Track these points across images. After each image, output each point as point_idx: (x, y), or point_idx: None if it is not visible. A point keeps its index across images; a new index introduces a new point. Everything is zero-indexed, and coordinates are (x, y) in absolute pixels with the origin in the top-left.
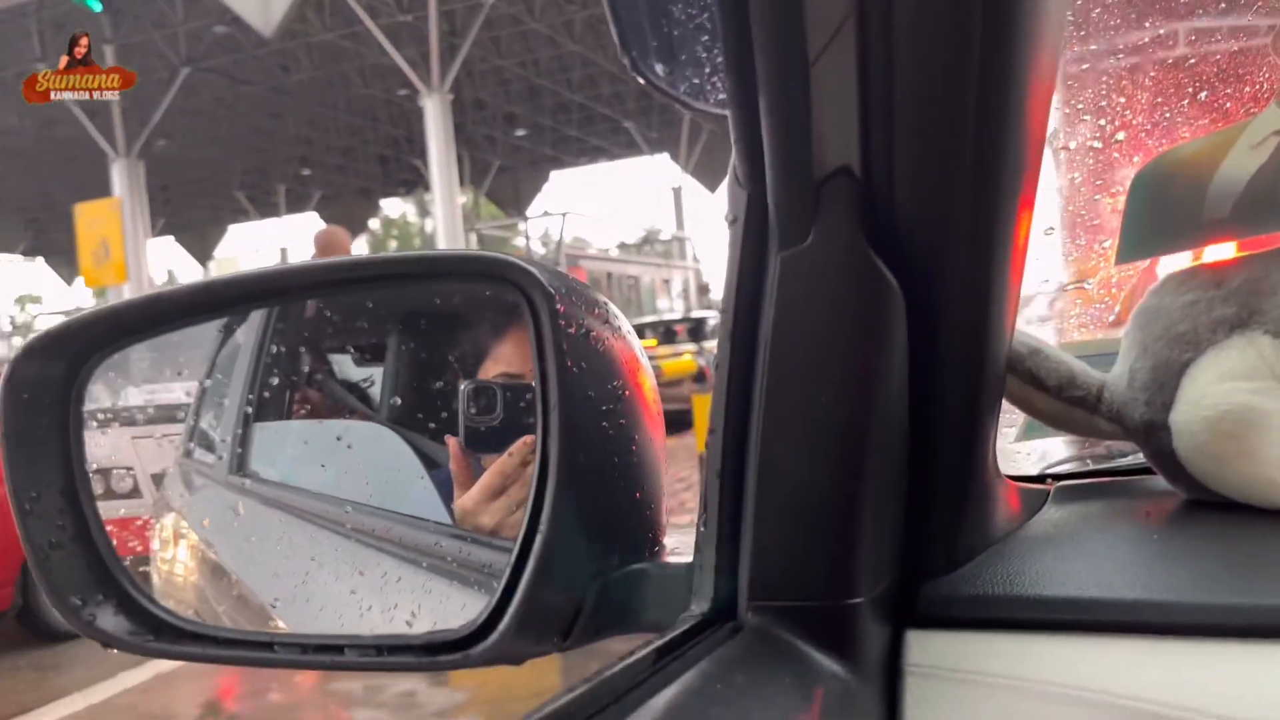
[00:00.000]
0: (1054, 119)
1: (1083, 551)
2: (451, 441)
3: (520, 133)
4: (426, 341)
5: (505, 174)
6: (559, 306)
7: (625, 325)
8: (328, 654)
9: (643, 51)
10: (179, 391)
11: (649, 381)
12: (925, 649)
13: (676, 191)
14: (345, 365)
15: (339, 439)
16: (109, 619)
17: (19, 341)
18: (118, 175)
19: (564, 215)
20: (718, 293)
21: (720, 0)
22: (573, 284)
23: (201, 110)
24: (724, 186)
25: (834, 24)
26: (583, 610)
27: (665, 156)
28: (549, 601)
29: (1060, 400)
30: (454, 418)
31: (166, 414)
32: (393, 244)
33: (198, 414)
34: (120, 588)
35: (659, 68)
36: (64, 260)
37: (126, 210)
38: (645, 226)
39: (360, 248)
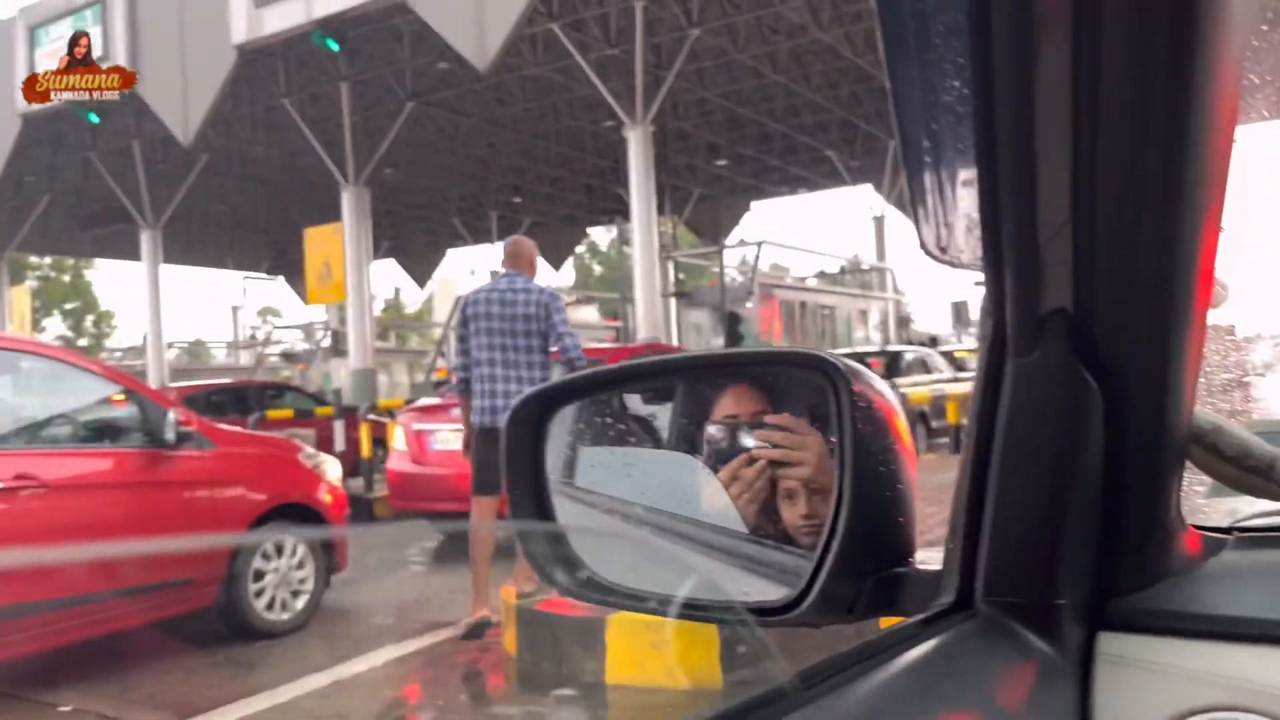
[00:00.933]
0: None
1: (1246, 583)
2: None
3: (721, 162)
4: (690, 393)
5: (705, 203)
6: (854, 387)
7: (891, 393)
8: (695, 609)
9: (929, 235)
10: None
11: (906, 432)
12: (1112, 645)
13: (878, 221)
14: (635, 402)
15: (651, 462)
16: (561, 576)
17: (258, 350)
18: (346, 201)
19: (759, 244)
20: (920, 325)
21: (982, 205)
22: (859, 368)
23: (424, 141)
24: None
25: (1057, 225)
26: (860, 597)
27: (868, 187)
28: (838, 589)
29: (1238, 469)
30: (701, 445)
31: None
32: (597, 269)
33: None
34: (568, 555)
35: (934, 244)
36: (300, 279)
37: (349, 234)
38: (845, 256)
39: (567, 273)
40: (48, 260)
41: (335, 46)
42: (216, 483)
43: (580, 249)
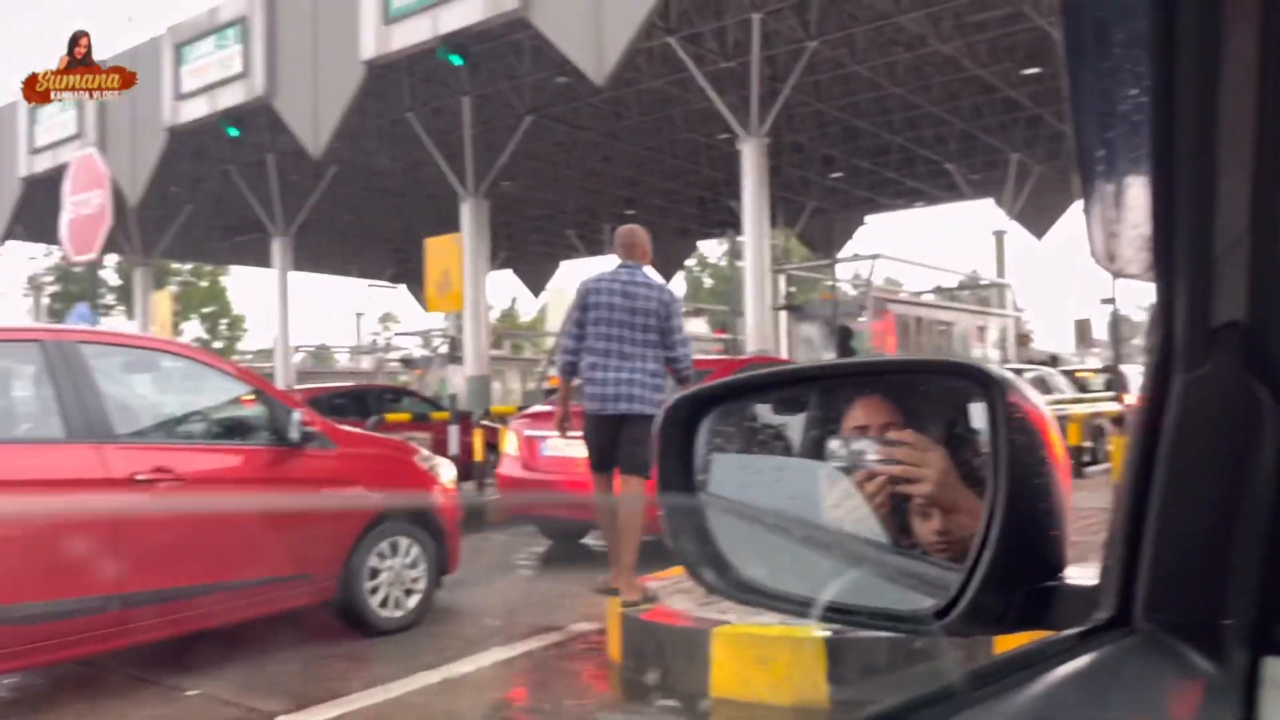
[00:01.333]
0: None
1: None
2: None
3: (836, 175)
4: (823, 403)
5: (819, 216)
6: (1009, 397)
7: (1043, 402)
8: (845, 614)
9: (1100, 244)
10: None
11: (1059, 442)
12: (1279, 671)
13: (999, 236)
14: (765, 412)
15: (786, 470)
16: (709, 575)
17: (379, 356)
18: (465, 213)
19: (874, 258)
20: (1040, 344)
21: (1156, 214)
22: (1014, 378)
23: (541, 154)
24: (1050, 234)
25: (1236, 234)
26: (1009, 610)
27: (989, 201)
28: (989, 600)
29: None
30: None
31: None
32: (707, 282)
33: None
34: (717, 555)
35: (1105, 254)
36: (420, 287)
37: (468, 245)
38: (963, 271)
39: (678, 285)
40: (188, 266)
41: (459, 61)
42: (337, 481)
43: (690, 261)
